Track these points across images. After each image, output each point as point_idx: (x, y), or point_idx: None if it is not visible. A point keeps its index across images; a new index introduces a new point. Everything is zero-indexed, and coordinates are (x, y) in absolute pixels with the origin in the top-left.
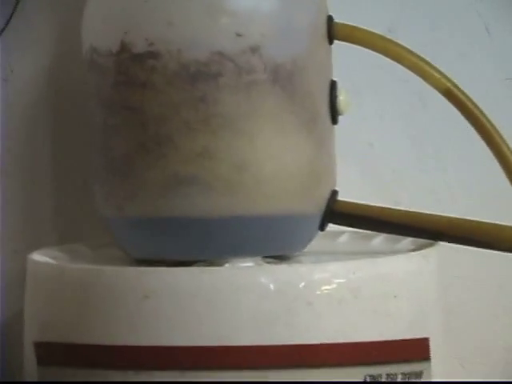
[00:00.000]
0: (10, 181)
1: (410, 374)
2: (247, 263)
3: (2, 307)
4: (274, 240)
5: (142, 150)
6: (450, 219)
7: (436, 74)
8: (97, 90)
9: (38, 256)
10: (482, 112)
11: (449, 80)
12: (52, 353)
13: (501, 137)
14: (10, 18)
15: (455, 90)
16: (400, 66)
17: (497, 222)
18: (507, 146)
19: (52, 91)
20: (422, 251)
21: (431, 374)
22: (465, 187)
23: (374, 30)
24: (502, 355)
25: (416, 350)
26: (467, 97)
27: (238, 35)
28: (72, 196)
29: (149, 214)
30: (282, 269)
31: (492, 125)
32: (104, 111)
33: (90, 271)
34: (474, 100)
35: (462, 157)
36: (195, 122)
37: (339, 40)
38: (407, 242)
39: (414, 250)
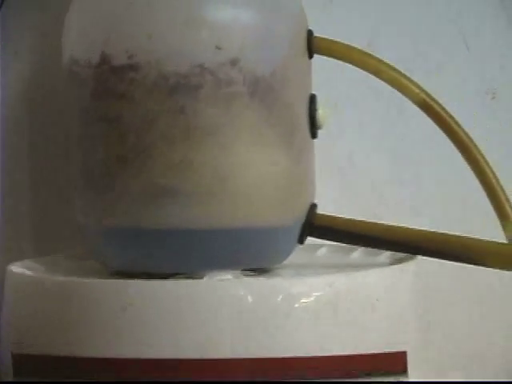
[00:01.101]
0: None
1: None
2: (226, 276)
3: None
4: (253, 253)
5: (121, 161)
6: (427, 233)
7: (412, 87)
8: (75, 101)
9: (16, 268)
10: (457, 124)
11: (425, 92)
12: (30, 365)
13: (477, 148)
14: None
15: (431, 102)
16: (379, 80)
17: (475, 237)
18: (483, 158)
19: (31, 101)
20: (400, 265)
21: None
22: (443, 200)
23: (353, 44)
24: (482, 366)
25: (393, 363)
26: (443, 109)
27: (218, 48)
28: (50, 207)
29: (127, 226)
30: (260, 282)
31: (468, 137)
32: (82, 122)
33: (69, 283)
34: (452, 112)
35: (440, 170)
36: (174, 133)
37: (319, 54)
38: (386, 255)
39: (392, 264)
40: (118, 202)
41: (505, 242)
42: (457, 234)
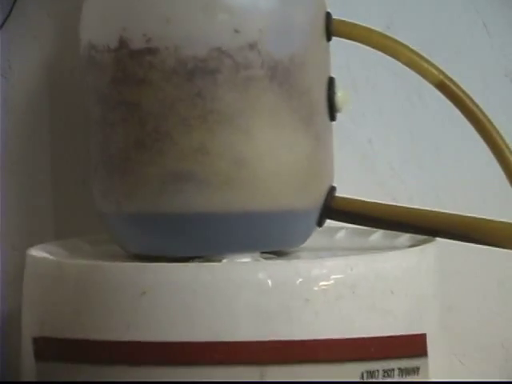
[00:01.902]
0: (8, 177)
1: (406, 370)
2: (245, 259)
3: (2, 303)
4: (272, 236)
5: (140, 146)
6: (447, 216)
7: (431, 69)
8: (95, 87)
9: (36, 251)
10: (476, 104)
11: (444, 74)
12: (50, 348)
13: (495, 129)
14: (9, 14)
15: (450, 84)
16: (398, 63)
17: (495, 219)
18: (502, 139)
19: (50, 87)
20: (420, 247)
21: (428, 370)
22: (463, 183)
23: (372, 27)
24: (501, 352)
25: (413, 345)
26: (462, 90)
27: (236, 31)
28: (70, 192)
29: (147, 210)
30: (279, 265)
31: (487, 118)
32: (102, 108)
33: (88, 266)
34: (472, 95)
35: (461, 153)
36: (193, 118)
37: (337, 37)
38: (405, 238)
39: (411, 246)
40: (136, 186)
41: None
42: (476, 216)
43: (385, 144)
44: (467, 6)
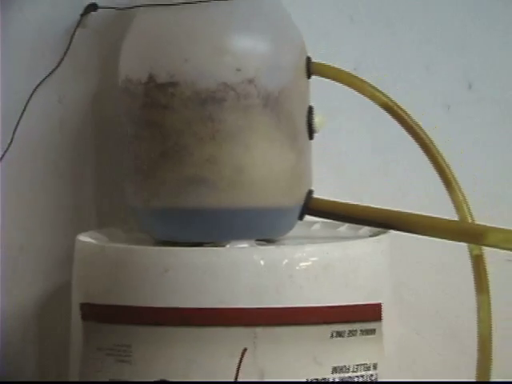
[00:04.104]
0: (61, 180)
1: (366, 331)
2: (243, 245)
3: (56, 277)
4: (264, 227)
5: (163, 156)
6: (398, 213)
7: (379, 94)
8: (129, 111)
9: (83, 237)
10: (413, 121)
11: (388, 98)
12: (92, 311)
13: (430, 140)
14: (64, 55)
15: (391, 104)
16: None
17: (437, 216)
18: (436, 148)
19: (95, 111)
20: (377, 237)
21: (382, 331)
22: (412, 188)
23: (343, 68)
24: (451, 323)
25: (371, 312)
26: (402, 109)
27: (238, 70)
28: (109, 191)
29: (168, 206)
30: (269, 249)
31: (423, 131)
32: (134, 127)
33: (123, 249)
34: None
35: (411, 164)
36: (204, 135)
37: (316, 75)
38: (365, 229)
39: (370, 236)
40: (160, 188)
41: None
42: (422, 214)
43: (354, 156)
44: (412, 51)
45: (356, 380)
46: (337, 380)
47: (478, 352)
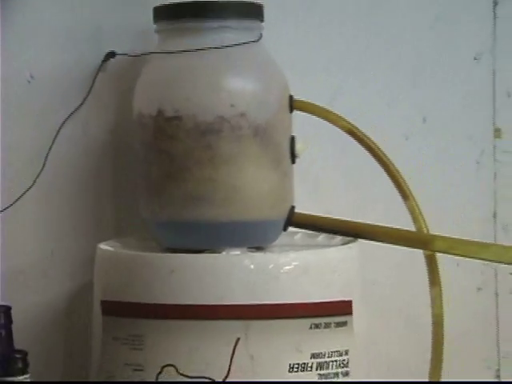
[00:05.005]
0: (85, 196)
1: (339, 323)
2: (237, 252)
3: (80, 278)
4: (254, 237)
5: (170, 177)
6: (363, 224)
7: (343, 121)
8: (142, 139)
9: (103, 245)
10: (373, 143)
11: (352, 125)
12: (111, 307)
13: (387, 158)
14: (88, 94)
15: (354, 130)
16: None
17: (397, 226)
18: (393, 165)
19: (114, 140)
20: (348, 245)
21: (353, 323)
22: (375, 203)
23: (319, 103)
24: (409, 313)
25: (343, 308)
26: (363, 134)
27: (232, 106)
28: (126, 206)
29: (174, 219)
30: (258, 255)
31: (382, 152)
32: (146, 152)
33: (135, 255)
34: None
35: (374, 182)
36: (204, 160)
37: (297, 110)
38: (338, 239)
39: (342, 244)
40: (167, 203)
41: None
42: (384, 225)
43: (326, 178)
44: (376, 91)
45: (330, 363)
46: (315, 364)
47: (432, 334)
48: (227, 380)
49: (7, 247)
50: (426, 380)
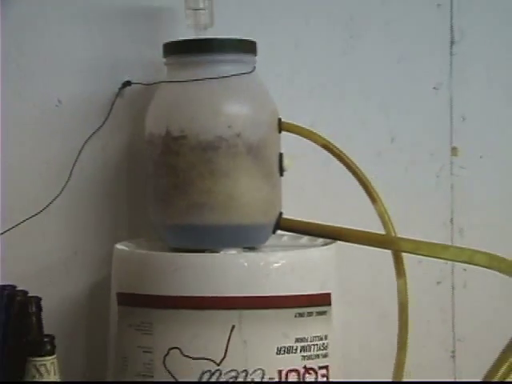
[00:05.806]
0: (104, 203)
1: (320, 312)
2: (233, 251)
3: (99, 274)
4: (248, 238)
5: (175, 187)
6: (342, 228)
7: (319, 137)
8: (151, 156)
9: (119, 245)
10: (348, 158)
11: (327, 140)
12: (126, 298)
13: (361, 172)
14: (107, 117)
15: (329, 145)
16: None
17: (368, 230)
18: (366, 178)
19: (128, 156)
20: (328, 245)
21: (332, 313)
22: (349, 209)
23: (303, 125)
24: (380, 302)
25: (323, 299)
26: (339, 150)
27: (229, 127)
28: (138, 212)
29: (178, 223)
30: (251, 254)
31: (356, 166)
32: (155, 167)
33: (146, 254)
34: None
35: (348, 191)
36: (205, 173)
37: (284, 131)
38: (320, 240)
39: (323, 245)
40: (173, 210)
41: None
42: (362, 229)
43: (308, 188)
44: (352, 112)
45: (312, 346)
46: (299, 347)
47: (398, 320)
48: (223, 360)
49: (38, 248)
50: (394, 362)
